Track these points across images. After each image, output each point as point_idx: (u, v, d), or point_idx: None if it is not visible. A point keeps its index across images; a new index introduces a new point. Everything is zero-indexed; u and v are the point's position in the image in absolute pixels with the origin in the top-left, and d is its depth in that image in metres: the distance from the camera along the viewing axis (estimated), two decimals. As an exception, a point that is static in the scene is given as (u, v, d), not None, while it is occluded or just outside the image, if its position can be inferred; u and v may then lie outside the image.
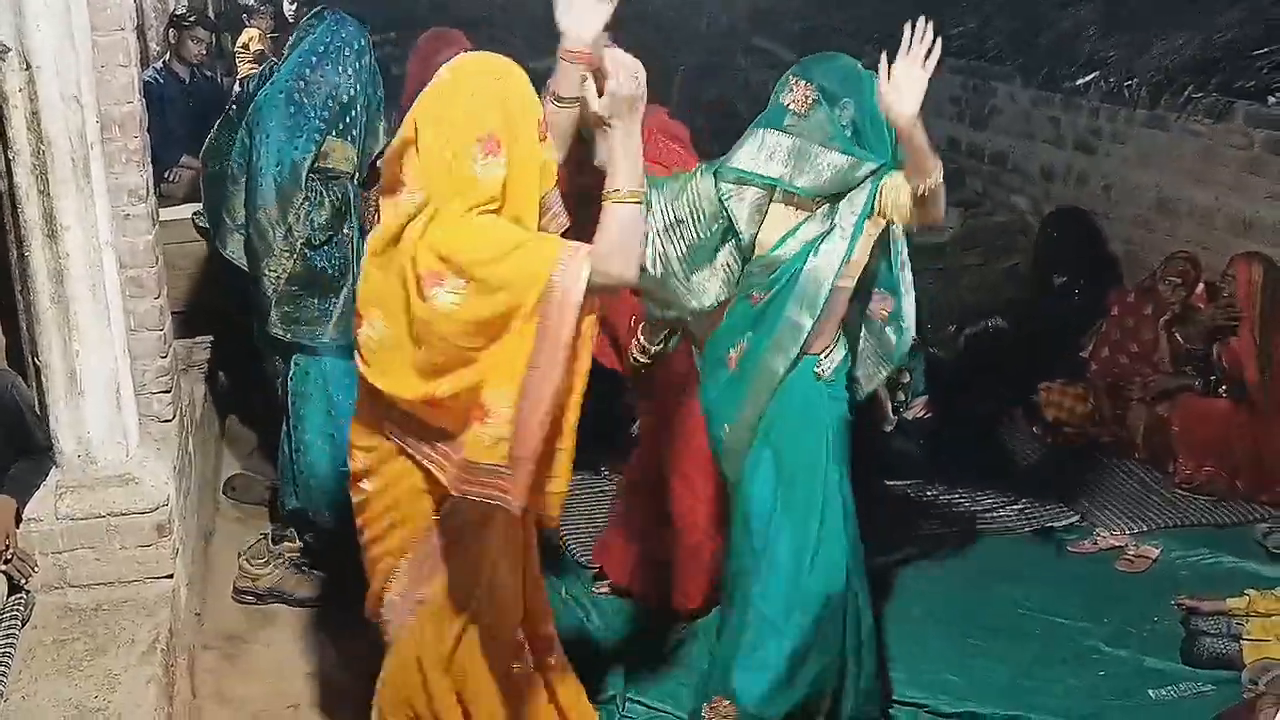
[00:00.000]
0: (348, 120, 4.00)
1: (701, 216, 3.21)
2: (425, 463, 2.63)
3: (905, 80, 2.86)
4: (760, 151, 3.15)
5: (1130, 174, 6.46)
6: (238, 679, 3.79)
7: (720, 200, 3.19)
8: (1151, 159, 6.31)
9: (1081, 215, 6.67)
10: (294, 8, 9.77)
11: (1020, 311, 6.69)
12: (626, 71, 2.49)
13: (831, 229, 3.11)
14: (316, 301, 4.03)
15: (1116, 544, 4.78)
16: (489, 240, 2.43)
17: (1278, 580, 4.12)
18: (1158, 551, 4.71)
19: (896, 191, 3.03)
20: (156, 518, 3.44)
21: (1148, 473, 5.42)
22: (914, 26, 2.87)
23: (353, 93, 3.99)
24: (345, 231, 4.05)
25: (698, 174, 3.25)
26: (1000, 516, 5.03)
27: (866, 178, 3.08)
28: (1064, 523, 4.99)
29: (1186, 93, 6.01)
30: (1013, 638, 4.15)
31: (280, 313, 4.02)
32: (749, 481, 3.31)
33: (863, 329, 3.37)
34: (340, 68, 3.96)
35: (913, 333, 3.31)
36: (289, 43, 4.20)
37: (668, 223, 3.21)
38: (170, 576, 3.49)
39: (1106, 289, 6.14)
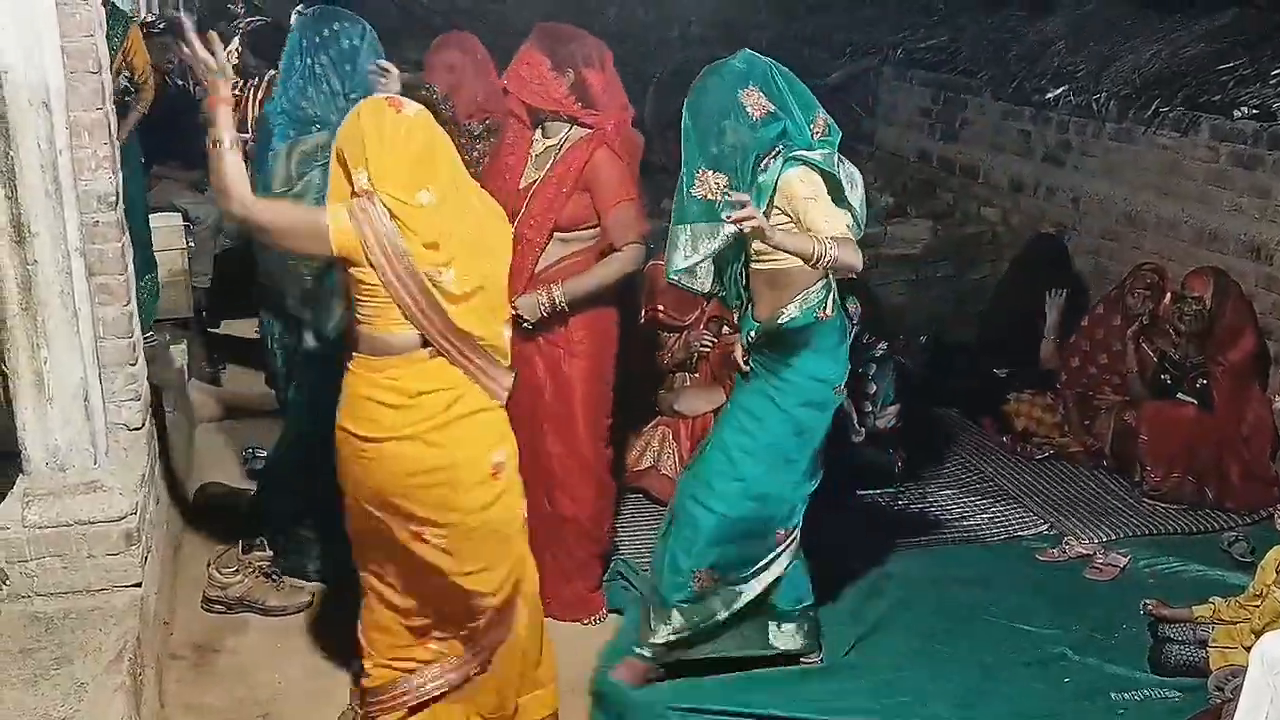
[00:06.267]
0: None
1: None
2: None
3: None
4: None
5: (1098, 186, 6.51)
6: (206, 688, 3.77)
7: None
8: (1119, 172, 6.37)
9: (1053, 239, 6.73)
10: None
11: (989, 321, 6.74)
12: None
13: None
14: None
15: (1085, 553, 4.81)
16: None
17: (1243, 587, 4.15)
18: (1126, 560, 4.75)
19: (789, 185, 3.36)
20: (125, 526, 3.42)
21: (1116, 481, 5.46)
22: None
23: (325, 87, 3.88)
24: None
25: None
26: (970, 525, 5.06)
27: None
28: (1033, 531, 5.03)
29: (1154, 106, 6.06)
30: (978, 643, 4.17)
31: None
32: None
33: None
34: (315, 67, 3.89)
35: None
36: None
37: None
38: (139, 585, 3.46)
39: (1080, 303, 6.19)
